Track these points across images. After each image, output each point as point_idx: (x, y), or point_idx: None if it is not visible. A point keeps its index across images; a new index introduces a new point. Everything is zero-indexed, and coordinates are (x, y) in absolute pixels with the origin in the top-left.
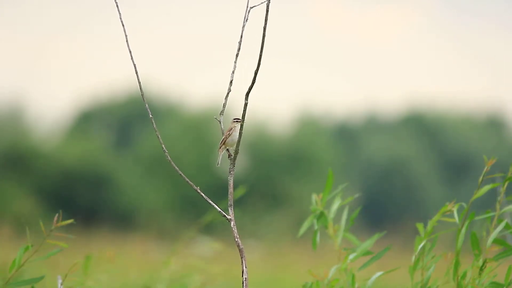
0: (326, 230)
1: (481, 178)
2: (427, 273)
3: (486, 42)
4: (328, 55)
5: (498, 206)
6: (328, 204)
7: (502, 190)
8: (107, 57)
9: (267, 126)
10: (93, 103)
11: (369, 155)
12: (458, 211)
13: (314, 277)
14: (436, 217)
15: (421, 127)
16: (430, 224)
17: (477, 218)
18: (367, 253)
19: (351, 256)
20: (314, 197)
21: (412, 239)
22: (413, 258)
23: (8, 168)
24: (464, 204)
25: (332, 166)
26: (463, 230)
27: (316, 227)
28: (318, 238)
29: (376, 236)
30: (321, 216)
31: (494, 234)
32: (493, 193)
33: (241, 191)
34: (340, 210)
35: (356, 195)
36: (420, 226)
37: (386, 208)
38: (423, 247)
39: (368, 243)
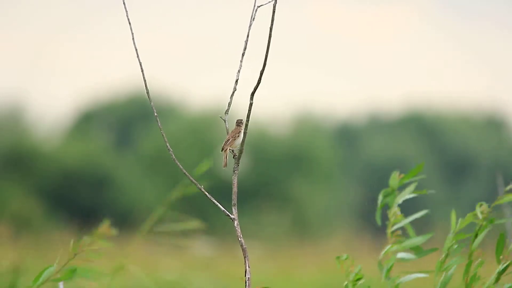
0: (388, 210)
1: (510, 186)
2: (448, 273)
3: (486, 42)
4: (328, 55)
5: None
6: (401, 190)
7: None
8: (107, 57)
9: (267, 126)
10: (93, 103)
11: (370, 155)
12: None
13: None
14: (467, 219)
15: (421, 127)
16: (461, 225)
17: (497, 222)
18: (417, 249)
19: (400, 255)
20: (395, 174)
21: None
22: (442, 257)
23: (9, 168)
24: (486, 205)
25: (333, 166)
26: (483, 233)
27: (381, 202)
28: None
29: (428, 235)
30: (391, 193)
31: None
32: (494, 193)
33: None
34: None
35: (432, 191)
36: (453, 223)
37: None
38: (450, 247)
39: (421, 239)
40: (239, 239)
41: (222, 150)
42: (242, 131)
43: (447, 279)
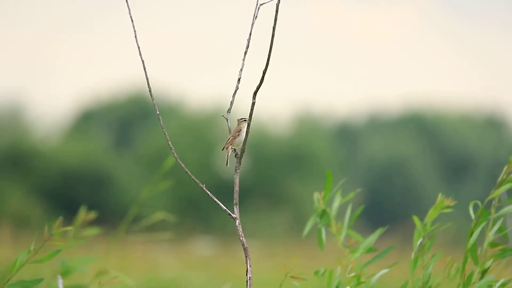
0: (329, 228)
1: (500, 178)
2: (427, 271)
3: (486, 42)
4: (328, 55)
5: (493, 210)
6: (330, 203)
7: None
8: (107, 57)
9: (268, 126)
10: (93, 102)
11: (370, 154)
12: (474, 208)
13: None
14: (432, 212)
15: (421, 126)
16: (428, 218)
17: (491, 217)
18: (370, 250)
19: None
20: (316, 195)
21: (411, 238)
22: (413, 254)
23: (8, 167)
24: (478, 202)
25: (333, 166)
26: (478, 230)
27: (319, 225)
28: (323, 237)
29: (378, 232)
30: (323, 214)
31: (489, 237)
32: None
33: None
34: (343, 207)
35: (358, 190)
36: (416, 219)
37: (386, 207)
38: (423, 244)
39: (371, 240)
40: (241, 238)
41: (223, 149)
42: (243, 129)
43: (427, 277)
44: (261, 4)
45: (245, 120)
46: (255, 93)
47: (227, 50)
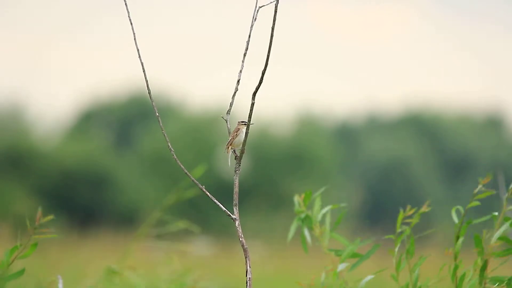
0: (312, 231)
1: (476, 189)
2: (414, 274)
3: (486, 42)
4: (328, 55)
5: (505, 204)
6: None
7: (509, 190)
8: (107, 57)
9: (268, 126)
10: (93, 103)
11: (369, 154)
12: (457, 213)
13: (300, 285)
14: (399, 222)
15: (421, 126)
16: (397, 238)
17: (475, 221)
18: (354, 255)
19: (341, 266)
20: (296, 198)
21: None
22: (394, 261)
23: (8, 168)
24: (461, 208)
25: (333, 166)
26: (461, 237)
27: (302, 229)
28: (308, 240)
29: (357, 241)
30: (306, 218)
31: (498, 233)
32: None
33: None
34: (336, 212)
35: (343, 205)
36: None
37: (386, 207)
38: (406, 249)
39: (352, 247)
40: (240, 239)
41: (225, 150)
42: (241, 129)
43: (415, 278)
44: (260, 7)
45: (244, 124)
46: (254, 94)
47: (229, 51)
